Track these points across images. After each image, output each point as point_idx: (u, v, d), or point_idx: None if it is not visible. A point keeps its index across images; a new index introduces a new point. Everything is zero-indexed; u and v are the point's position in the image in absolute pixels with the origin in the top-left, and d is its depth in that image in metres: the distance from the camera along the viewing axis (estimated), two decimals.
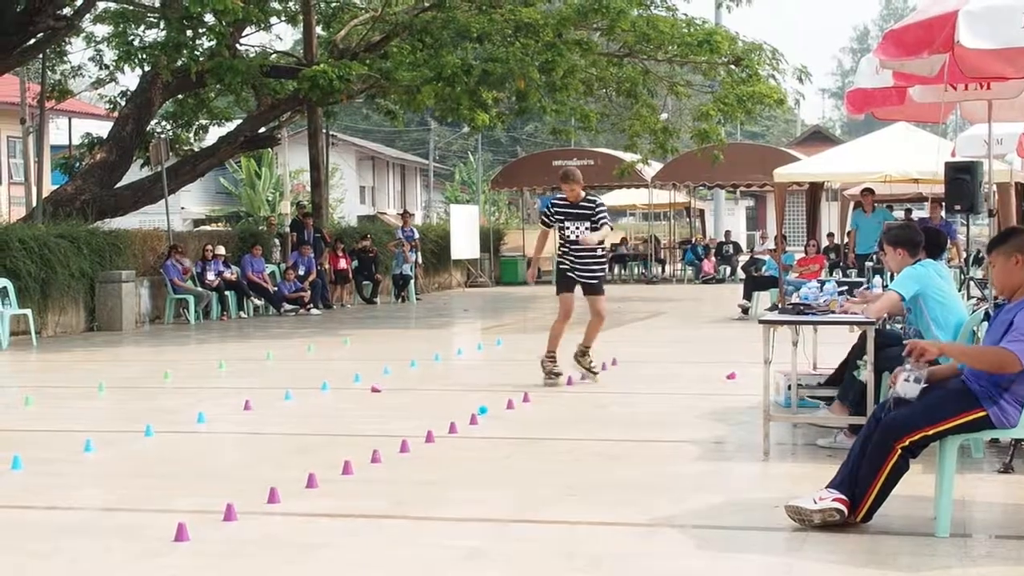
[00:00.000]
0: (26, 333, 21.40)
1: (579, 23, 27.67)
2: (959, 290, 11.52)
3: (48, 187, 32.44)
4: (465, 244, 39.85)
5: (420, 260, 35.50)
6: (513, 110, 31.58)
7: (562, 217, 14.06)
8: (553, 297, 14.91)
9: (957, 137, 21.21)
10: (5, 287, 21.40)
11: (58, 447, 10.77)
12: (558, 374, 14.33)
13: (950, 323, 9.28)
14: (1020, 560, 6.78)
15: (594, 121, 32.16)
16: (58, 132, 42.72)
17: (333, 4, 33.79)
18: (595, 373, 14.64)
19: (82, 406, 13.93)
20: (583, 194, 14.17)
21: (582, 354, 14.57)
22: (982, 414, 7.14)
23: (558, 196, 14.46)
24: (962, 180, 14.82)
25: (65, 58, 32.78)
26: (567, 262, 14.19)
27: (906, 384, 7.01)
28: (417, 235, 35.79)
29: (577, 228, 13.92)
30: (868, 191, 25.76)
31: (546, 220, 14.51)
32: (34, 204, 29.41)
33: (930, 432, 7.16)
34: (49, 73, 31.38)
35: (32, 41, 26.59)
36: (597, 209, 14.10)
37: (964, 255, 20.13)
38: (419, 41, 28.12)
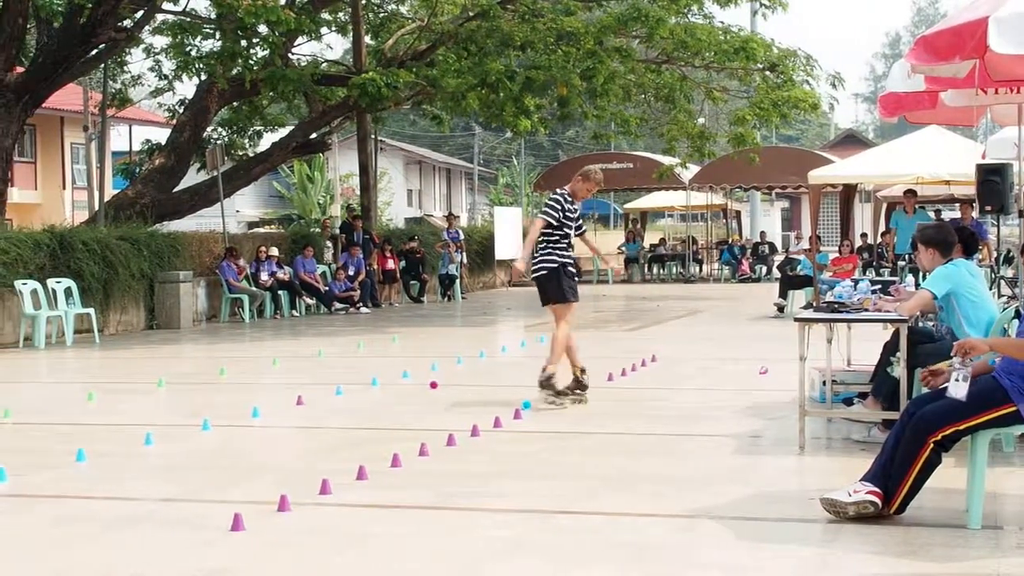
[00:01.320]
0: (89, 331, 21.54)
1: (619, 31, 27.65)
2: (990, 288, 11.43)
3: (110, 191, 32.66)
4: (508, 245, 39.78)
5: (465, 260, 35.56)
6: (555, 115, 31.57)
7: (571, 217, 12.38)
8: (589, 296, 14.65)
9: (988, 140, 21.10)
10: (69, 287, 21.55)
11: (120, 440, 10.84)
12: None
13: (981, 321, 9.21)
14: None
15: (633, 126, 32.11)
16: (119, 139, 43.02)
17: (381, 15, 33.86)
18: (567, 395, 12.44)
19: (142, 401, 14.00)
20: None
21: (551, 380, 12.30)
22: (1012, 409, 7.11)
23: (566, 193, 12.44)
24: (993, 182, 14.76)
25: (125, 68, 32.97)
26: (566, 259, 12.33)
27: (957, 384, 6.96)
28: (462, 236, 35.86)
29: (574, 230, 12.51)
30: (911, 193, 25.63)
31: (557, 215, 12.26)
32: (96, 208, 29.54)
33: (962, 427, 7.13)
34: (110, 82, 31.55)
35: (94, 52, 26.72)
36: (578, 212, 12.70)
37: (995, 255, 20.01)
38: (464, 49, 28.14)
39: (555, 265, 12.20)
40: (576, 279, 12.67)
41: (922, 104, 11.40)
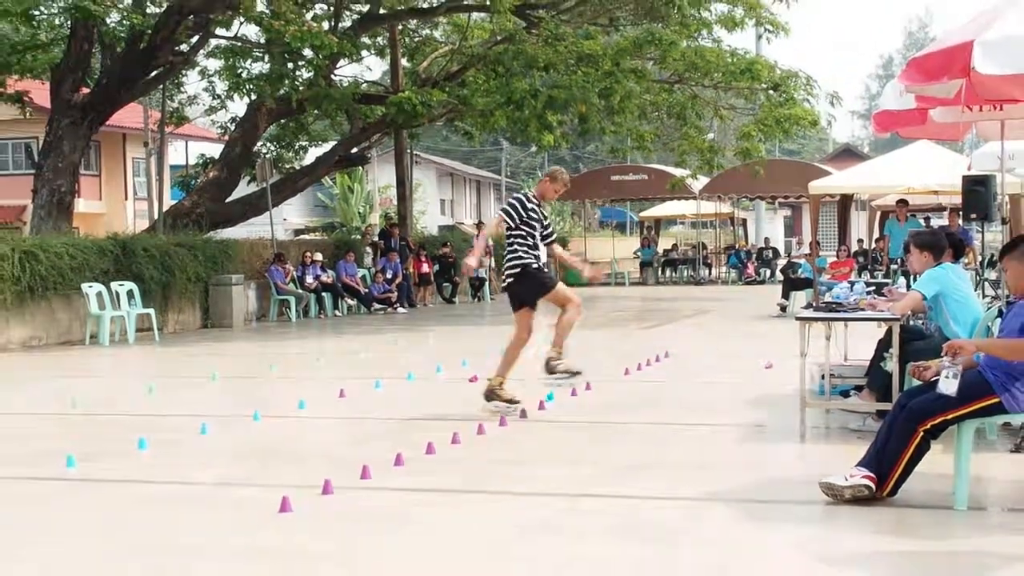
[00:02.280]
0: (149, 330, 21.62)
1: (635, 54, 27.62)
2: (975, 290, 11.41)
3: (168, 202, 32.76)
4: None
5: (493, 264, 35.52)
6: (575, 131, 31.54)
7: (537, 217, 11.13)
8: (608, 297, 14.62)
9: (973, 153, 21.03)
10: (131, 290, 21.65)
11: (178, 430, 10.88)
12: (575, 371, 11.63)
13: (967, 320, 9.21)
14: None
15: (648, 141, 32.01)
16: (176, 153, 43.19)
17: (416, 39, 33.90)
18: (517, 403, 11.35)
19: (198, 394, 14.06)
20: None
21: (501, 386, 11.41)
22: (996, 400, 7.13)
23: (530, 195, 11.30)
24: (977, 192, 14.73)
25: (182, 88, 33.11)
26: (538, 259, 11.17)
27: (947, 381, 6.98)
28: (491, 242, 35.81)
29: (541, 230, 11.21)
30: (903, 203, 25.59)
31: (516, 216, 11.08)
32: (156, 217, 29.68)
33: (949, 416, 7.15)
34: (168, 102, 31.69)
35: (154, 74, 26.85)
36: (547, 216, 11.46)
37: (979, 259, 19.93)
38: (492, 71, 28.15)
39: (536, 266, 11.09)
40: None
41: (913, 120, 11.37)
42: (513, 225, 11.03)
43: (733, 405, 11.72)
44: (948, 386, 6.99)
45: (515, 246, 11.10)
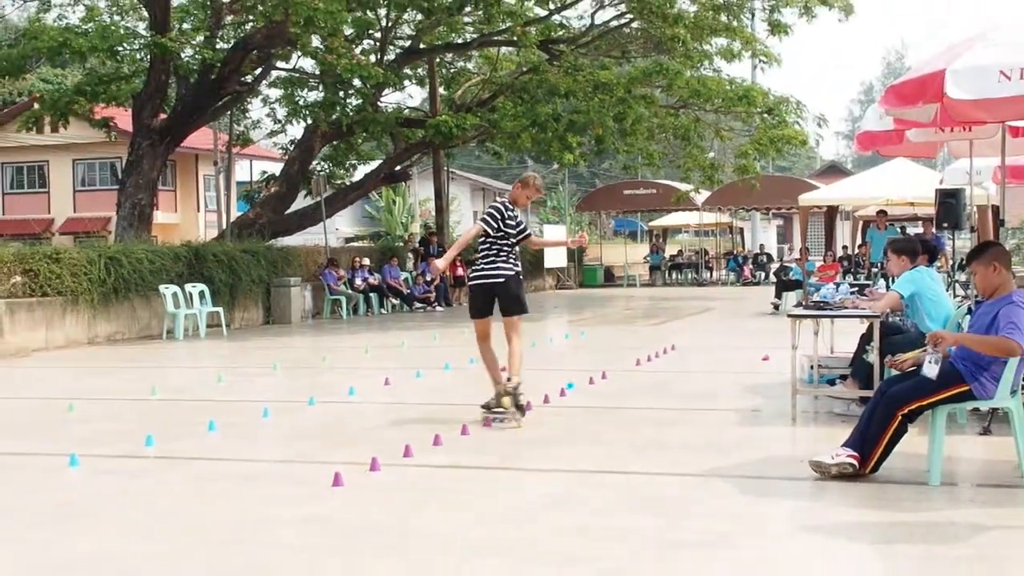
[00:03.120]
0: (218, 326, 21.71)
1: (644, 82, 27.60)
2: (947, 290, 11.34)
3: (234, 213, 32.88)
4: (555, 255, 39.85)
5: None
6: (592, 150, 31.45)
7: (512, 224, 10.03)
8: (621, 297, 14.56)
9: (945, 169, 20.90)
10: (203, 290, 21.74)
11: (243, 413, 10.92)
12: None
13: (940, 316, 9.18)
14: (996, 503, 6.70)
15: (656, 159, 32.02)
16: (241, 171, 43.31)
17: (452, 70, 33.94)
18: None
19: (261, 382, 14.10)
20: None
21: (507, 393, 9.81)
22: (966, 388, 7.12)
23: (506, 201, 10.12)
24: (949, 203, 14.65)
25: (247, 114, 33.26)
26: (518, 269, 10.23)
27: (930, 366, 6.99)
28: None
29: (515, 236, 10.17)
30: (882, 213, 25.51)
31: (496, 223, 9.96)
32: (224, 227, 29.82)
33: (925, 402, 7.14)
34: (235, 126, 31.86)
35: (222, 102, 26.96)
36: (519, 220, 10.27)
37: (951, 263, 19.79)
38: (519, 98, 28.16)
39: (512, 273, 10.00)
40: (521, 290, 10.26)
41: (891, 140, 11.32)
42: (492, 232, 9.90)
43: (732, 392, 11.68)
44: (931, 370, 6.99)
45: (501, 253, 9.96)
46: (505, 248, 9.97)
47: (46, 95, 27.10)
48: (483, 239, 9.86)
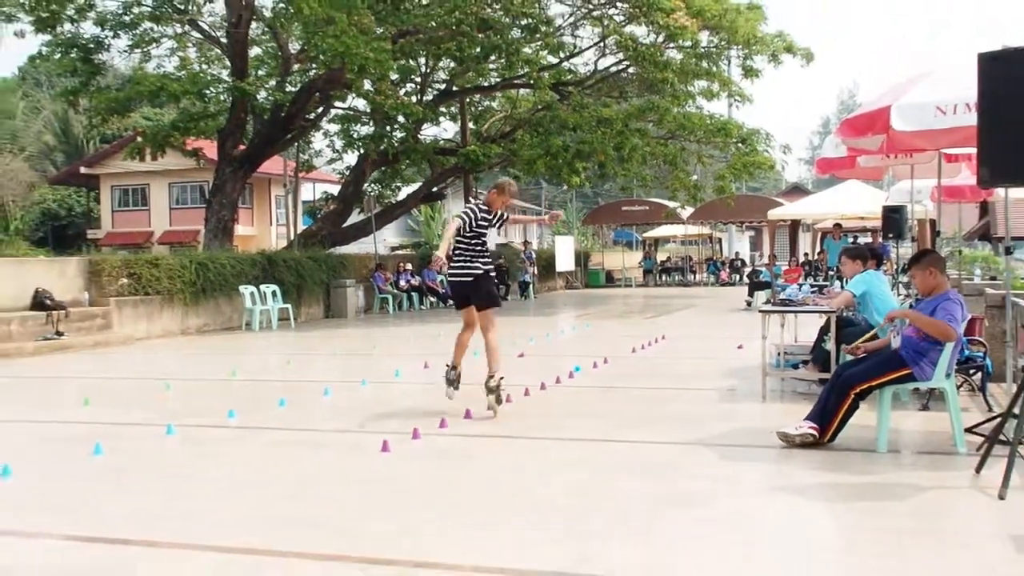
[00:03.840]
0: (287, 319, 21.78)
1: (639, 117, 27.57)
2: (891, 290, 11.28)
3: (300, 227, 32.96)
4: (565, 261, 39.84)
5: (536, 271, 35.55)
6: (596, 174, 31.44)
7: (485, 225, 9.08)
8: (620, 296, 14.54)
9: (890, 189, 20.81)
10: (275, 290, 21.81)
11: (308, 392, 10.95)
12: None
13: (886, 311, 9.11)
14: (933, 468, 6.65)
15: (648, 181, 32.03)
16: (306, 192, 43.40)
17: (479, 108, 33.98)
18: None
19: (322, 365, 14.14)
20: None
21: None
22: (908, 372, 7.09)
23: (481, 204, 9.19)
24: (894, 217, 14.62)
25: (310, 145, 33.33)
26: (488, 267, 9.14)
27: (894, 339, 7.06)
28: (534, 255, 35.87)
29: (495, 227, 9.42)
30: (838, 226, 25.48)
31: (468, 222, 8.97)
32: (291, 238, 29.87)
33: (874, 383, 7.12)
34: (300, 155, 31.91)
35: (290, 135, 27.04)
36: (497, 218, 9.35)
37: (895, 267, 19.70)
38: (535, 131, 28.18)
39: (481, 272, 9.00)
40: (496, 286, 9.44)
41: (845, 165, 11.27)
42: (464, 234, 8.93)
43: (712, 374, 11.65)
44: (896, 342, 7.04)
45: (470, 252, 8.98)
46: (476, 248, 8.94)
47: (147, 130, 27.25)
48: (458, 240, 8.91)
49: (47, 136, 54.68)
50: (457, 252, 8.96)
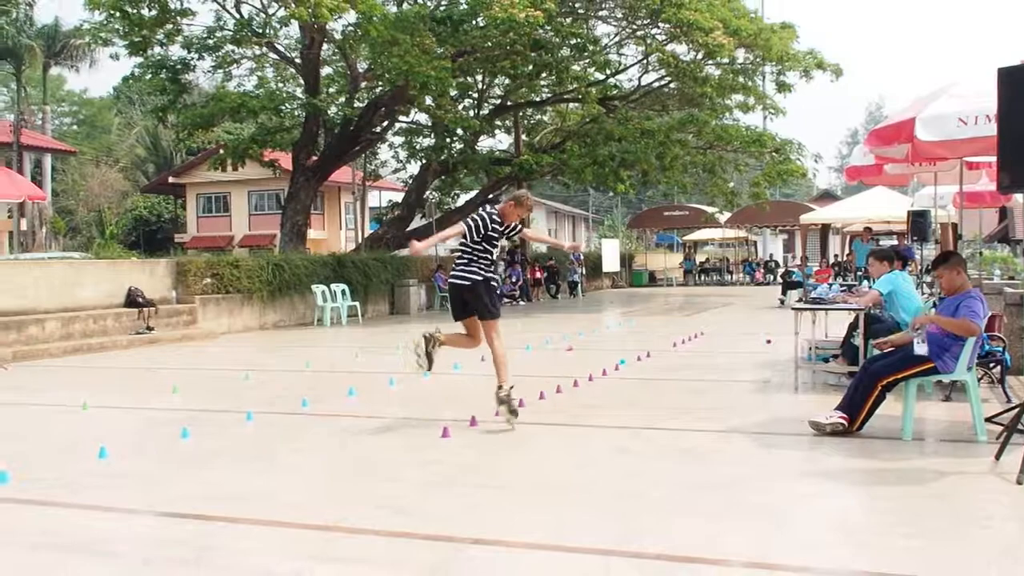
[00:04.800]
0: (355, 316, 21.95)
1: (680, 129, 27.44)
2: (916, 289, 11.13)
3: (367, 231, 33.24)
4: (611, 262, 39.71)
5: (584, 272, 35.49)
6: (639, 181, 31.35)
7: (496, 235, 7.93)
8: (661, 294, 14.48)
9: (915, 195, 20.49)
10: (344, 289, 21.99)
11: (375, 382, 11.04)
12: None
13: (911, 309, 9.02)
14: (955, 454, 6.56)
15: (689, 188, 31.85)
16: (372, 199, 43.75)
17: (532, 121, 34.01)
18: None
19: (388, 358, 14.21)
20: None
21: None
22: (932, 365, 7.01)
23: (495, 214, 7.96)
24: (919, 221, 14.44)
25: (376, 156, 33.57)
26: (489, 275, 8.01)
27: (919, 344, 7.01)
28: (583, 257, 35.83)
29: (506, 237, 8.27)
30: (868, 229, 25.16)
31: (474, 230, 7.86)
32: (359, 241, 30.12)
33: (899, 376, 7.05)
34: (368, 165, 32.15)
35: (358, 147, 27.27)
36: (509, 229, 8.13)
37: (920, 268, 19.41)
38: (583, 142, 28.12)
39: (480, 279, 7.90)
40: (498, 295, 8.26)
41: (873, 172, 11.15)
42: (470, 239, 7.90)
43: (747, 367, 11.57)
44: (920, 348, 6.97)
45: (475, 259, 7.94)
46: (480, 255, 7.90)
47: (229, 143, 27.62)
48: (463, 243, 7.94)
49: (139, 149, 55.73)
50: (460, 256, 7.99)
